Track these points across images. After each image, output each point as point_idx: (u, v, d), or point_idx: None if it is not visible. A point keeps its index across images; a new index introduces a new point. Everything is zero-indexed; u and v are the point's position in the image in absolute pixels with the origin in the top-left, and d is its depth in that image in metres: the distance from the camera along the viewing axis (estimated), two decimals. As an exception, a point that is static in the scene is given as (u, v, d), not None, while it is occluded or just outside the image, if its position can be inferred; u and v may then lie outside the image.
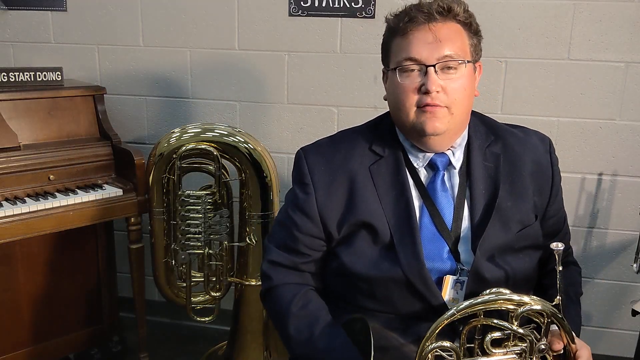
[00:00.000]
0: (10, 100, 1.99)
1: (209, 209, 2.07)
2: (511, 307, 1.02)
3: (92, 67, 2.51)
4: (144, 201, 2.10)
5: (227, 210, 2.08)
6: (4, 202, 1.88)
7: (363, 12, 2.26)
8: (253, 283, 2.13)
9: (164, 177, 2.07)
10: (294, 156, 1.27)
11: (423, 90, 1.12)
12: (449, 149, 1.21)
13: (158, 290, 2.21)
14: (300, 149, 1.27)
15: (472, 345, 1.05)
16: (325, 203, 1.20)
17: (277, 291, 1.25)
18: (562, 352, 1.07)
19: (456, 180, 1.21)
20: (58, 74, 2.16)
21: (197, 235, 2.08)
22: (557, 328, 1.05)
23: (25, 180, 1.97)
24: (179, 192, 2.06)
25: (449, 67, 1.12)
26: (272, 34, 2.35)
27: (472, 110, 1.24)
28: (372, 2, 2.24)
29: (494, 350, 1.04)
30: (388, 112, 1.27)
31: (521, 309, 1.01)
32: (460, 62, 1.13)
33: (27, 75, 2.09)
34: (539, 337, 1.04)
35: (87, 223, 2.02)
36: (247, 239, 2.11)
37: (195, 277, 2.18)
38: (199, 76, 2.45)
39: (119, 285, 2.42)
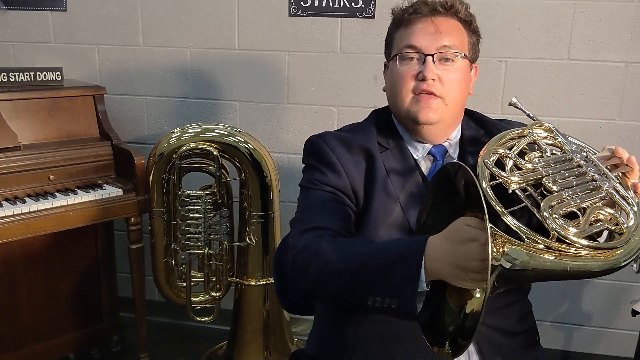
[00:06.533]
0: (10, 100, 1.99)
1: (209, 209, 2.07)
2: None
3: (92, 67, 2.51)
4: (144, 201, 2.10)
5: (227, 210, 2.08)
6: (4, 202, 1.89)
7: (363, 12, 2.26)
8: (253, 283, 2.13)
9: (164, 177, 2.07)
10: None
11: (420, 77, 1.17)
12: (445, 141, 1.24)
13: (158, 290, 2.21)
14: (313, 135, 1.26)
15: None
16: (355, 179, 1.19)
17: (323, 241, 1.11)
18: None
19: None
20: (58, 74, 2.16)
21: (197, 235, 2.08)
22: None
23: (25, 180, 1.97)
24: (179, 192, 2.06)
25: (447, 58, 1.18)
26: (272, 34, 2.35)
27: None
28: (372, 2, 2.24)
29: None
30: (382, 108, 1.31)
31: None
32: (457, 54, 1.18)
33: (27, 75, 2.09)
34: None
35: (87, 223, 2.02)
36: (247, 239, 2.11)
37: (195, 277, 2.18)
38: (199, 76, 2.45)
39: (119, 285, 2.42)
